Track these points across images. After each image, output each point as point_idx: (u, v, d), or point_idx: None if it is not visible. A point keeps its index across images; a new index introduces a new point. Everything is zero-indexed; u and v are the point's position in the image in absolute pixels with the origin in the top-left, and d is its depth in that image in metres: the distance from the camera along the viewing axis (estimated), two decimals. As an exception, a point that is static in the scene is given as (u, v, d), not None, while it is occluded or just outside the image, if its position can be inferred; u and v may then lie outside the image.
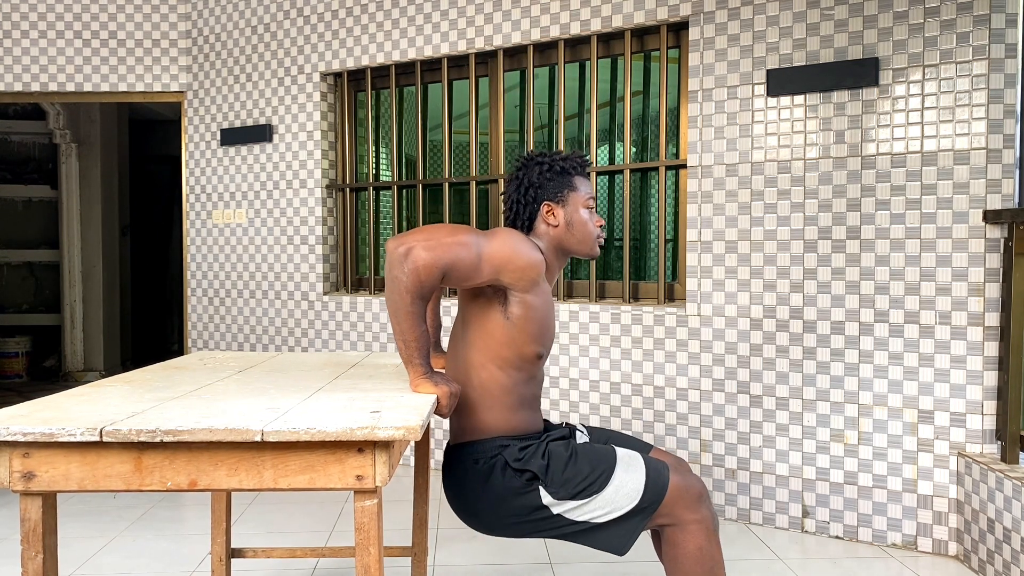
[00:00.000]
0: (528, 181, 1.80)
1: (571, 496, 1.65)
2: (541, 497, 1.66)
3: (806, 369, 2.91)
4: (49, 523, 1.31)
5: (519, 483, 1.67)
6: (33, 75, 4.37)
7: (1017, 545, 2.32)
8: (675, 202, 3.37)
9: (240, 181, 4.28)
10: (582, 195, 1.81)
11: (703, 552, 1.67)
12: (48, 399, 1.47)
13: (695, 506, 1.68)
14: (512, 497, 1.68)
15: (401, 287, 1.53)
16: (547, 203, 1.79)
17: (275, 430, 1.23)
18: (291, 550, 2.31)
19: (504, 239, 1.64)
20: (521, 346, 1.70)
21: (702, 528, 1.68)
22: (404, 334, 1.57)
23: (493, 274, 1.62)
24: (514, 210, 1.82)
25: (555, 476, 1.66)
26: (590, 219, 1.81)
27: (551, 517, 1.68)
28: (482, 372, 1.71)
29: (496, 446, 1.71)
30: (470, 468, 1.72)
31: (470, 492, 1.73)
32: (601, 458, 1.70)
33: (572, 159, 1.83)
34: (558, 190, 1.79)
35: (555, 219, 1.79)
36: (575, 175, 1.82)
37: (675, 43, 3.28)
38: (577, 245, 1.81)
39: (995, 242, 2.61)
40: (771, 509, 2.99)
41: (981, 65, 2.60)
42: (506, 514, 1.70)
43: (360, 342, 3.94)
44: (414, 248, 1.53)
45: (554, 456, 1.68)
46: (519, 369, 1.72)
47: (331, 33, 3.98)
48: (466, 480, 1.73)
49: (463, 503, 1.77)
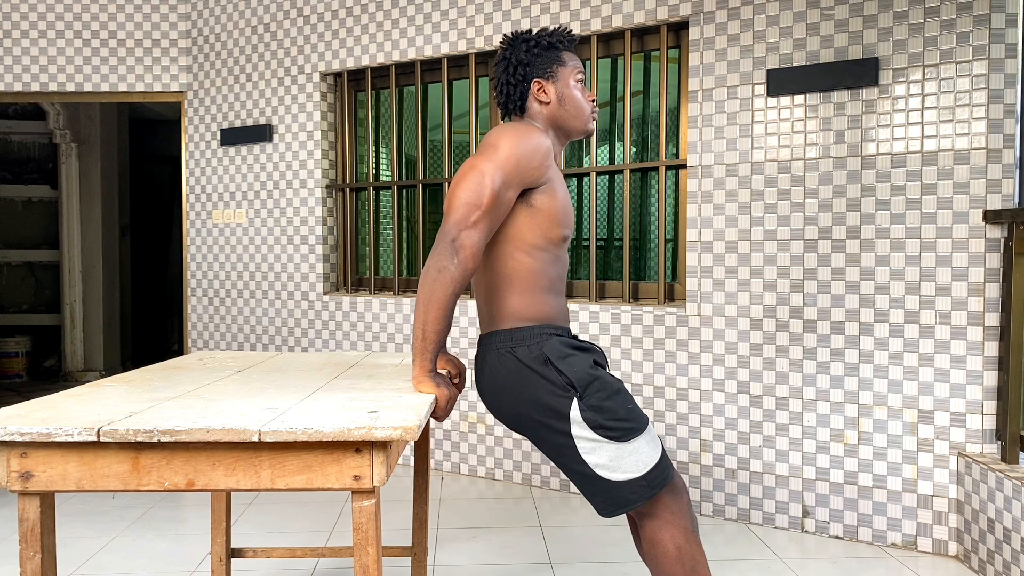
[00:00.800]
0: (516, 59, 1.78)
1: (595, 425, 1.62)
2: (570, 408, 1.62)
3: (806, 369, 2.91)
4: (47, 523, 1.31)
5: (557, 383, 1.63)
6: (33, 75, 4.37)
7: (1017, 545, 2.32)
8: (675, 202, 3.37)
9: (240, 181, 4.28)
10: (570, 69, 1.79)
11: (683, 552, 1.66)
12: (46, 399, 1.47)
13: (677, 507, 1.69)
14: (544, 391, 1.64)
15: (448, 277, 1.54)
16: (537, 80, 1.77)
17: (272, 430, 1.23)
18: (291, 550, 2.31)
19: (506, 151, 1.62)
20: (547, 229, 1.69)
21: (679, 529, 1.67)
22: (427, 325, 1.56)
23: (519, 189, 1.63)
24: (504, 92, 1.80)
25: (592, 396, 1.62)
26: (581, 93, 1.80)
27: (565, 434, 1.64)
28: (509, 261, 1.69)
29: (537, 334, 1.68)
30: (505, 355, 1.68)
31: (506, 372, 1.69)
32: (638, 416, 1.67)
33: (558, 33, 1.80)
34: (546, 66, 1.77)
35: (546, 96, 1.77)
36: (562, 50, 1.80)
37: (675, 43, 3.28)
38: (572, 120, 1.79)
39: (995, 242, 2.61)
40: (771, 509, 2.99)
41: (981, 65, 2.60)
42: (530, 404, 1.66)
43: (360, 342, 3.94)
44: (457, 239, 1.55)
45: (602, 379, 1.65)
46: (545, 250, 1.71)
47: (331, 33, 3.98)
48: (503, 362, 1.69)
49: (496, 382, 1.72)
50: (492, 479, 3.63)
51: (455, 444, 3.73)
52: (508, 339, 1.70)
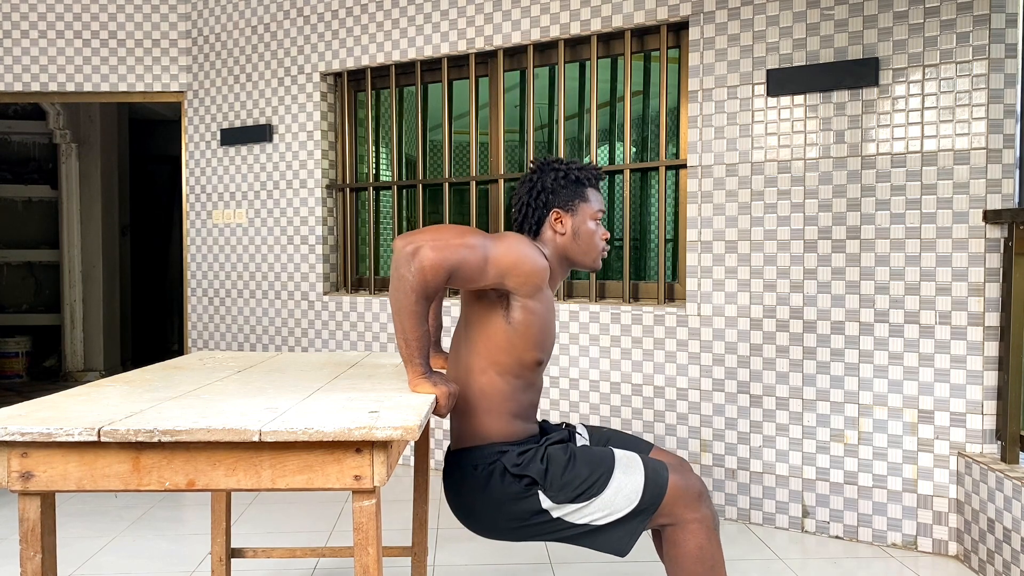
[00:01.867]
0: (541, 186, 1.80)
1: (570, 499, 1.65)
2: (541, 501, 1.66)
3: (806, 369, 2.91)
4: (48, 523, 1.31)
5: (518, 488, 1.67)
6: (33, 75, 4.37)
7: (1017, 545, 2.32)
8: (675, 202, 3.37)
9: (240, 181, 4.28)
10: (592, 207, 1.81)
11: (703, 551, 1.67)
12: (47, 399, 1.47)
13: (695, 505, 1.68)
14: (511, 502, 1.68)
15: (406, 286, 1.53)
16: (557, 210, 1.79)
17: (273, 430, 1.23)
18: (291, 550, 2.31)
19: (511, 244, 1.64)
20: (521, 352, 1.70)
21: (702, 527, 1.68)
22: (406, 333, 1.57)
23: (498, 278, 1.62)
24: (523, 212, 1.82)
25: (554, 480, 1.66)
26: (597, 231, 1.82)
27: (551, 521, 1.68)
28: (482, 377, 1.71)
29: (495, 452, 1.71)
30: (469, 474, 1.72)
31: (470, 497, 1.73)
32: (600, 461, 1.69)
33: (587, 170, 1.83)
34: (569, 199, 1.79)
35: (563, 227, 1.79)
36: (588, 187, 1.83)
37: (675, 43, 3.28)
38: (581, 256, 1.81)
39: (995, 242, 2.61)
40: (771, 509, 2.99)
41: (981, 65, 2.60)
42: (506, 519, 1.70)
43: (360, 342, 3.94)
44: (422, 247, 1.53)
45: (553, 460, 1.68)
46: (518, 376, 1.72)
47: (331, 33, 3.98)
48: (464, 485, 1.73)
49: (463, 508, 1.77)
50: (492, 479, 3.62)
51: (455, 444, 3.72)
52: (470, 459, 1.73)
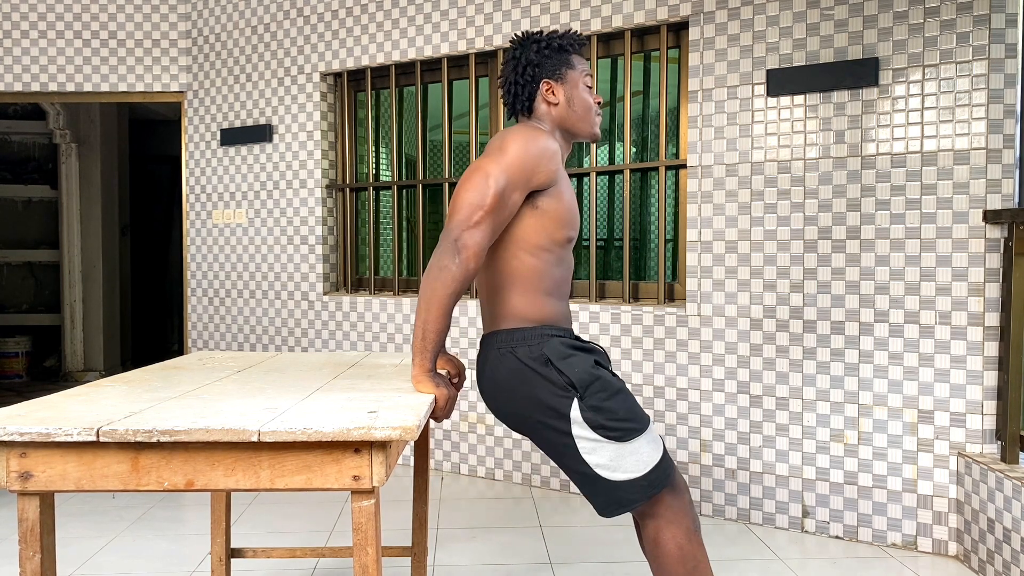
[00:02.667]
0: (526, 60, 1.77)
1: (596, 426, 1.62)
2: (571, 408, 1.62)
3: (806, 369, 2.91)
4: (47, 523, 1.31)
5: (558, 383, 1.63)
6: (33, 75, 4.37)
7: (1017, 545, 2.32)
8: (675, 202, 3.37)
9: (240, 181, 4.28)
10: (579, 72, 1.79)
11: (684, 552, 1.66)
12: (46, 399, 1.46)
13: (679, 508, 1.68)
14: (544, 389, 1.64)
15: (448, 276, 1.54)
16: (546, 80, 1.77)
17: (271, 430, 1.23)
18: (291, 550, 2.31)
19: (513, 155, 1.62)
20: (552, 231, 1.68)
21: (682, 529, 1.67)
22: (427, 324, 1.56)
23: (526, 191, 1.63)
24: (512, 92, 1.80)
25: (593, 397, 1.62)
26: (589, 95, 1.80)
27: (566, 434, 1.64)
28: (512, 261, 1.69)
29: (539, 335, 1.67)
30: (506, 355, 1.68)
31: (507, 372, 1.68)
32: (639, 415, 1.67)
33: (568, 36, 1.80)
34: (556, 67, 1.77)
35: (555, 97, 1.77)
36: (572, 52, 1.80)
37: (675, 43, 3.28)
38: (579, 123, 1.79)
39: (995, 242, 2.61)
40: (771, 509, 2.99)
41: (981, 65, 2.60)
42: (532, 403, 1.66)
43: (360, 342, 3.94)
44: (459, 238, 1.55)
45: (603, 379, 1.65)
46: (550, 252, 1.70)
47: (331, 33, 3.98)
48: (504, 362, 1.69)
49: (497, 383, 1.72)
50: (492, 479, 3.63)
51: (455, 444, 3.73)
52: (509, 339, 1.69)
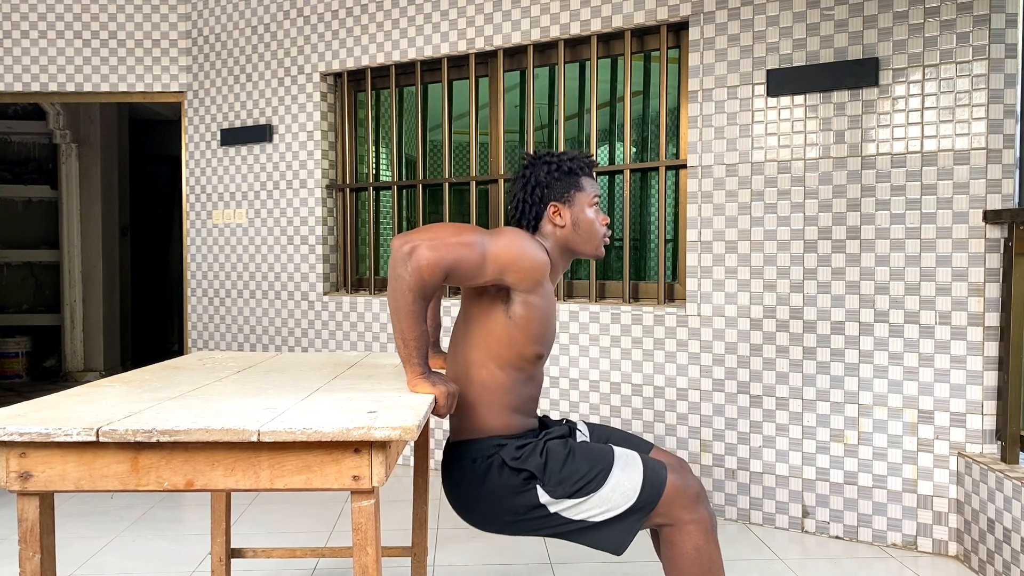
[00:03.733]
0: (535, 180, 1.80)
1: (568, 495, 1.65)
2: (539, 496, 1.66)
3: (806, 369, 2.91)
4: (47, 523, 1.31)
5: (516, 482, 1.67)
6: (33, 75, 4.37)
7: (1017, 545, 2.32)
8: (675, 202, 3.37)
9: (240, 181, 4.28)
10: (588, 195, 1.81)
11: (700, 552, 1.67)
12: (46, 399, 1.47)
13: (692, 506, 1.68)
14: (509, 496, 1.68)
15: (403, 285, 1.53)
16: (554, 203, 1.79)
17: (271, 430, 1.23)
18: (291, 550, 2.31)
19: (510, 239, 1.64)
20: (522, 346, 1.70)
21: (699, 528, 1.67)
22: (404, 333, 1.57)
23: (497, 274, 1.62)
24: (520, 209, 1.82)
25: (552, 475, 1.66)
26: (596, 218, 1.81)
27: (548, 516, 1.67)
28: (482, 371, 1.71)
29: (493, 445, 1.71)
30: (468, 467, 1.72)
31: (468, 490, 1.73)
32: (599, 457, 1.69)
33: (579, 159, 1.83)
34: (565, 190, 1.79)
35: (561, 219, 1.79)
36: (582, 175, 1.82)
37: (675, 43, 3.28)
38: (583, 245, 1.81)
39: (995, 242, 2.60)
40: (771, 509, 2.99)
41: (981, 65, 2.60)
42: (503, 512, 1.70)
43: (360, 342, 3.94)
44: (418, 247, 1.53)
45: (552, 454, 1.68)
46: (519, 369, 1.72)
47: (331, 33, 3.98)
48: (464, 479, 1.73)
49: (461, 501, 1.77)
50: (492, 479, 3.62)
51: (455, 444, 3.72)
52: (468, 451, 1.73)
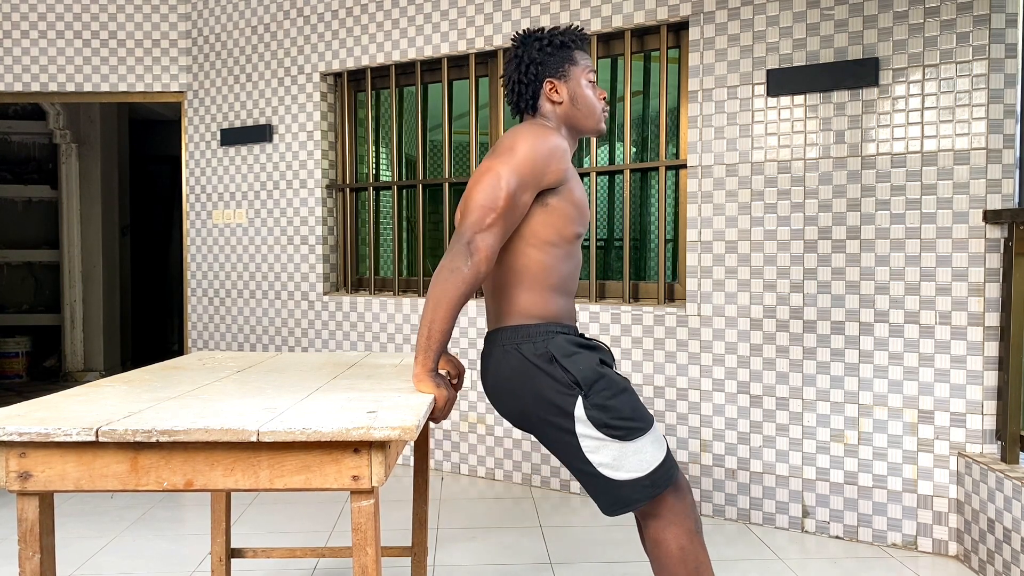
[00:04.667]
0: (528, 58, 1.76)
1: (600, 424, 1.61)
2: (575, 406, 1.61)
3: (806, 369, 2.91)
4: (46, 523, 1.31)
5: (562, 381, 1.62)
6: (33, 75, 4.37)
7: (1017, 545, 2.31)
8: (675, 202, 3.37)
9: (240, 181, 4.28)
10: (582, 68, 1.78)
11: (686, 552, 1.66)
12: (45, 399, 1.46)
13: (684, 511, 1.68)
14: (549, 388, 1.63)
15: (459, 278, 1.54)
16: (549, 80, 1.75)
17: (271, 430, 1.23)
18: (291, 550, 2.31)
19: (524, 151, 1.62)
20: (561, 228, 1.68)
21: (683, 529, 1.67)
22: (434, 324, 1.56)
23: (536, 191, 1.63)
24: (516, 91, 1.79)
25: (597, 395, 1.61)
26: (593, 92, 1.79)
27: (570, 433, 1.63)
28: (520, 257, 1.68)
29: (544, 332, 1.67)
30: (511, 351, 1.68)
31: (509, 369, 1.68)
32: (643, 415, 1.66)
33: (570, 32, 1.79)
34: (559, 65, 1.76)
35: (559, 95, 1.76)
36: (574, 48, 1.79)
37: (675, 43, 3.28)
38: (584, 120, 1.78)
39: (995, 242, 2.60)
40: (771, 509, 2.99)
41: (981, 65, 2.60)
42: (537, 402, 1.65)
43: (360, 342, 3.94)
44: (473, 240, 1.55)
45: (608, 377, 1.64)
46: (558, 247, 1.69)
47: (331, 33, 3.98)
48: (506, 361, 1.68)
49: (499, 385, 1.71)
50: (492, 479, 3.63)
51: (455, 444, 3.73)
52: (514, 336, 1.69)
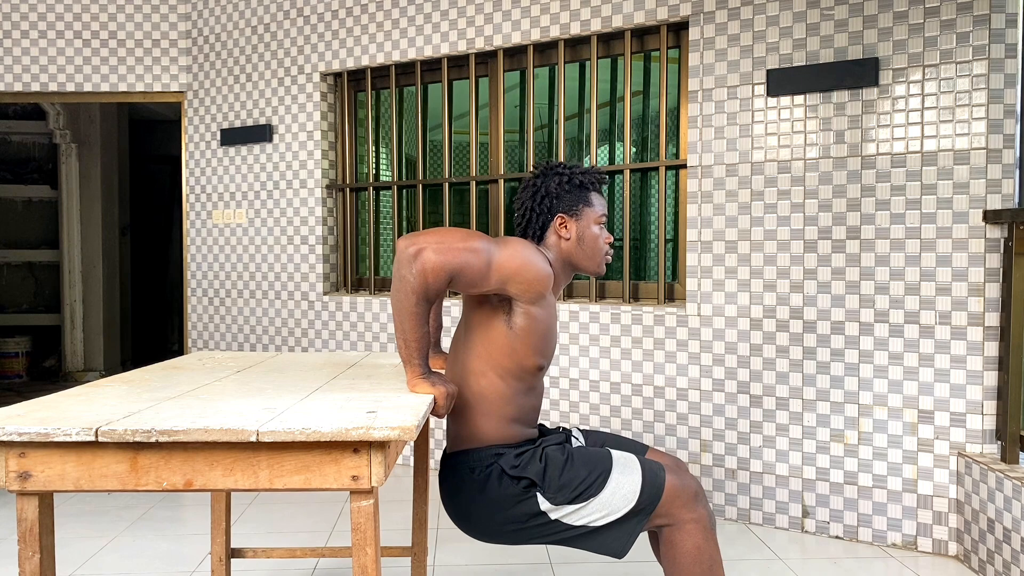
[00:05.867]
0: (545, 190, 1.80)
1: (569, 500, 1.65)
2: (539, 503, 1.66)
3: (806, 369, 2.91)
4: (46, 523, 1.31)
5: (516, 490, 1.67)
6: (33, 75, 4.37)
7: (1017, 545, 2.31)
8: (675, 202, 3.37)
9: (240, 181, 4.28)
10: (596, 211, 1.81)
11: (701, 551, 1.67)
12: (45, 399, 1.46)
13: (692, 505, 1.68)
14: (509, 505, 1.67)
15: (407, 287, 1.53)
16: (561, 215, 1.78)
17: (270, 430, 1.23)
18: (291, 550, 2.31)
19: (516, 249, 1.64)
20: (523, 357, 1.69)
21: (699, 527, 1.67)
22: (405, 334, 1.56)
23: (501, 283, 1.62)
24: (527, 217, 1.82)
25: (552, 481, 1.65)
26: (601, 236, 1.81)
27: (549, 523, 1.67)
28: (481, 379, 1.71)
29: (492, 454, 1.70)
30: (466, 477, 1.71)
31: (467, 500, 1.72)
32: (597, 461, 1.69)
33: (591, 174, 1.82)
34: (573, 204, 1.79)
35: (567, 232, 1.78)
36: (591, 191, 1.82)
37: (675, 43, 3.28)
38: (586, 261, 1.81)
39: (995, 242, 2.60)
40: (771, 509, 2.99)
41: (981, 65, 2.60)
42: (504, 522, 1.69)
43: (360, 342, 3.94)
44: (424, 250, 1.53)
45: (551, 461, 1.68)
46: (519, 379, 1.72)
47: (331, 33, 3.98)
48: (463, 488, 1.72)
49: (460, 511, 1.76)
50: (492, 479, 3.62)
51: (455, 444, 3.72)
52: (467, 460, 1.72)
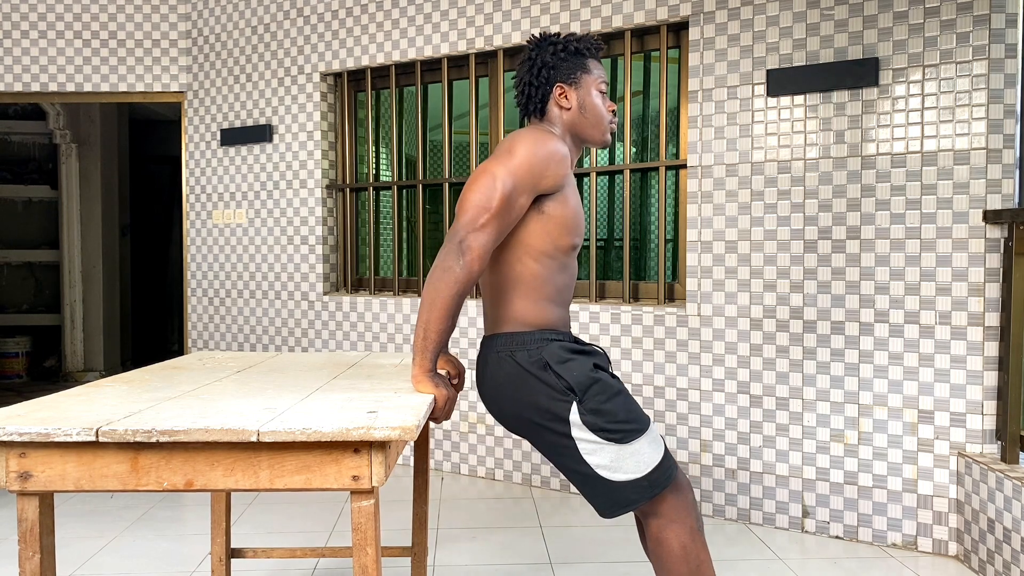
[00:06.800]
0: (541, 61, 1.76)
1: (596, 428, 1.61)
2: (570, 412, 1.62)
3: (806, 369, 2.91)
4: (46, 523, 1.31)
5: (556, 385, 1.63)
6: (33, 75, 4.37)
7: (1017, 545, 2.31)
8: (675, 202, 3.37)
9: (240, 181, 4.28)
10: (594, 77, 1.78)
11: (687, 551, 1.66)
12: (45, 399, 1.46)
13: (685, 511, 1.68)
14: (544, 395, 1.64)
15: (452, 278, 1.54)
16: (560, 84, 1.75)
17: (271, 430, 1.23)
18: (291, 550, 2.31)
19: (524, 153, 1.62)
20: (557, 238, 1.68)
21: (685, 528, 1.67)
22: (430, 324, 1.56)
23: (533, 195, 1.63)
24: (526, 93, 1.79)
25: (591, 399, 1.62)
26: (602, 103, 1.78)
27: (567, 437, 1.64)
28: (516, 265, 1.69)
29: (538, 339, 1.67)
30: (505, 358, 1.68)
31: (505, 380, 1.69)
32: (638, 416, 1.67)
33: (586, 40, 1.79)
34: (571, 72, 1.76)
35: (568, 101, 1.76)
36: (588, 57, 1.79)
37: (675, 43, 3.28)
38: (590, 129, 1.78)
39: (995, 242, 2.60)
40: (771, 509, 2.99)
41: (981, 65, 2.60)
42: (532, 409, 1.66)
43: (360, 342, 3.94)
44: (466, 239, 1.55)
45: (602, 381, 1.65)
46: (553, 258, 1.69)
47: (331, 33, 3.98)
48: (502, 368, 1.69)
49: (494, 391, 1.72)
50: (492, 479, 3.63)
51: (455, 444, 3.73)
52: (508, 343, 1.70)
